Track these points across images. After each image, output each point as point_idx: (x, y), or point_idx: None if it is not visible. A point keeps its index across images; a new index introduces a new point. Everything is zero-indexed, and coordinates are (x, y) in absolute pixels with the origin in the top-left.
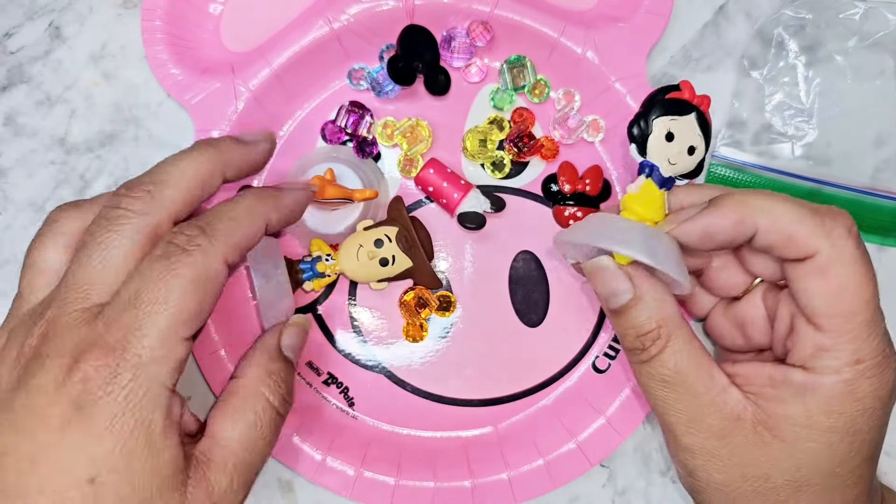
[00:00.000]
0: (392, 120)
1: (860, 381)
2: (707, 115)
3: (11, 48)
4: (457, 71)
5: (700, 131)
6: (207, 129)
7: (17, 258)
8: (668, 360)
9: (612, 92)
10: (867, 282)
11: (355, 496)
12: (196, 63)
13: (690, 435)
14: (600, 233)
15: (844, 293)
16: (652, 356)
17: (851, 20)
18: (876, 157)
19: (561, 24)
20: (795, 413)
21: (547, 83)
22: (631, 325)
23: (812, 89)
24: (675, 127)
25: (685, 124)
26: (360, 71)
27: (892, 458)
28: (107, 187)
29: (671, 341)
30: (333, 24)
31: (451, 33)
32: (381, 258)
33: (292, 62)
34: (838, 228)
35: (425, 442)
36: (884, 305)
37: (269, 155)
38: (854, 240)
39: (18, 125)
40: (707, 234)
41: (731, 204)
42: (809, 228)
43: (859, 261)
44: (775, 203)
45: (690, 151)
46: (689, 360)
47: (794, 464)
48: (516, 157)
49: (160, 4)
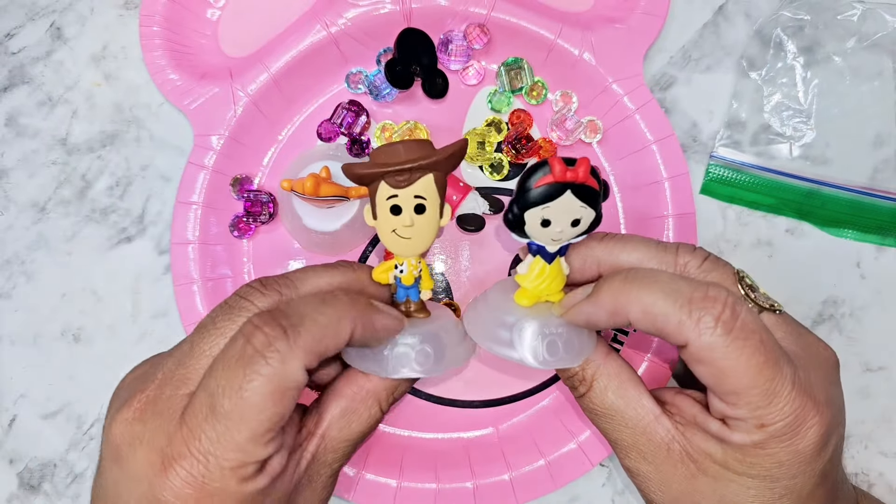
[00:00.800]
0: (390, 123)
1: (769, 441)
2: (588, 180)
3: (13, 49)
4: (454, 74)
5: (581, 202)
6: (206, 133)
7: (19, 258)
8: (595, 398)
9: (610, 93)
10: (750, 363)
11: (358, 499)
12: (194, 68)
13: (629, 458)
14: (490, 334)
15: (725, 377)
16: (582, 394)
17: (850, 21)
18: (874, 158)
19: (558, 25)
20: (715, 454)
21: (544, 85)
22: (561, 368)
23: (810, 90)
24: (548, 213)
25: (560, 205)
26: (358, 75)
27: (891, 458)
28: (108, 187)
29: (595, 380)
30: (331, 28)
31: (449, 36)
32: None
33: (290, 67)
34: (706, 318)
35: (427, 443)
36: (883, 306)
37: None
38: (724, 327)
39: (20, 126)
40: (590, 322)
41: (606, 295)
42: (676, 321)
43: (734, 345)
44: (647, 294)
45: (575, 224)
46: (615, 395)
47: (718, 498)
48: (514, 159)
49: (158, 10)
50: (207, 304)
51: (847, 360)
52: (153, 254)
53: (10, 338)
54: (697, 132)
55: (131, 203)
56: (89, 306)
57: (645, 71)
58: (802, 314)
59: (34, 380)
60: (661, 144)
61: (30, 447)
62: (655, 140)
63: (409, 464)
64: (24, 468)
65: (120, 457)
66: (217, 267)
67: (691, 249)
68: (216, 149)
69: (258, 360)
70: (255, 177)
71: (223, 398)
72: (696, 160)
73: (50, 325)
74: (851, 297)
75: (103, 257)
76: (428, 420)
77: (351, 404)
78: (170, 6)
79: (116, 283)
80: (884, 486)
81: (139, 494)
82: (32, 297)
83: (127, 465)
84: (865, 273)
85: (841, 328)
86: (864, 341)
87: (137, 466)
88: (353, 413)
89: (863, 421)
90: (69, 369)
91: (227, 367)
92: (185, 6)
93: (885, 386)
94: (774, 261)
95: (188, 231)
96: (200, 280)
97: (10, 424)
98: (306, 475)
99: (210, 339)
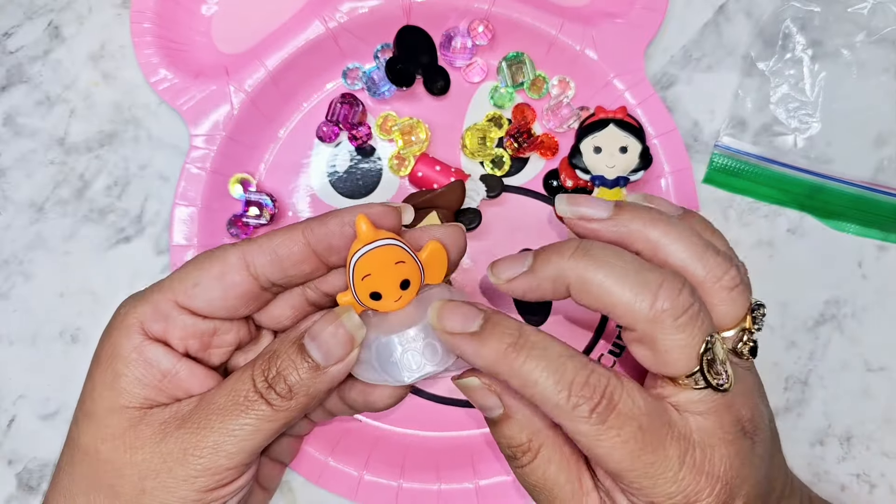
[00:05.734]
0: (393, 114)
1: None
2: (626, 119)
3: (11, 48)
4: (457, 70)
5: (625, 132)
6: (203, 133)
7: (17, 258)
8: (536, 469)
9: (612, 88)
10: (625, 449)
11: (360, 499)
12: (189, 66)
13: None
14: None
15: (602, 461)
16: (523, 465)
17: (860, 14)
18: (879, 153)
19: (559, 20)
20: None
21: (546, 79)
22: (503, 436)
23: (817, 83)
24: (598, 141)
25: (607, 134)
26: (356, 70)
27: (893, 459)
28: (106, 187)
29: (541, 452)
30: (329, 23)
31: (452, 32)
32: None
33: (287, 63)
34: (582, 407)
35: (429, 442)
36: (885, 306)
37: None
38: (599, 417)
39: (18, 125)
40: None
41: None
42: (553, 405)
43: (608, 433)
44: (532, 363)
45: (623, 150)
46: (557, 468)
47: None
48: (515, 153)
49: (149, 6)
50: None
51: (849, 361)
52: (152, 254)
53: (9, 338)
54: (699, 132)
55: (130, 203)
56: (87, 306)
57: (646, 70)
58: (804, 315)
59: (33, 380)
60: (664, 139)
61: (29, 448)
62: (658, 134)
63: (411, 464)
64: (23, 469)
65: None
66: None
67: (676, 290)
68: (213, 148)
69: (264, 408)
70: (255, 176)
71: (207, 426)
72: (697, 160)
73: (48, 325)
74: (853, 297)
75: (101, 257)
76: (430, 420)
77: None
78: (161, 2)
79: (115, 283)
80: (885, 486)
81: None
82: (30, 297)
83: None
84: (867, 273)
85: (842, 328)
86: (865, 341)
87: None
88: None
89: (864, 421)
90: (68, 370)
91: (235, 404)
92: (177, 2)
93: (887, 386)
94: (775, 261)
95: (187, 233)
96: None
97: (8, 425)
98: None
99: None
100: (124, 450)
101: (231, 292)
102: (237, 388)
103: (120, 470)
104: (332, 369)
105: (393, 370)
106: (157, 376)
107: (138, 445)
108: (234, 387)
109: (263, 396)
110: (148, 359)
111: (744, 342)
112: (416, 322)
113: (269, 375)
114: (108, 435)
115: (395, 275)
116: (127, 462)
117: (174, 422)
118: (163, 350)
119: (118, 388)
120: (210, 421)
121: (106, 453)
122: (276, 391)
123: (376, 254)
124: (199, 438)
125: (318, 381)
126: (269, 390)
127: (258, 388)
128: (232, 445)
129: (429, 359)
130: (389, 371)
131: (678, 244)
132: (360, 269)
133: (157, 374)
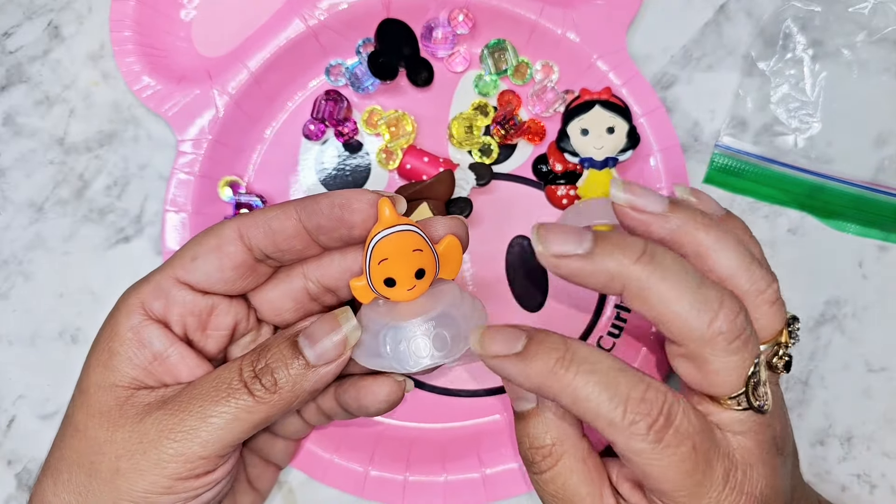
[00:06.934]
0: (378, 108)
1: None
2: (612, 99)
3: (10, 48)
4: (440, 61)
5: (611, 113)
6: (189, 138)
7: (17, 258)
8: (557, 478)
9: (595, 69)
10: (679, 469)
11: (367, 495)
12: (171, 72)
13: None
14: (579, 214)
15: (651, 479)
16: (542, 471)
17: (861, 14)
18: (880, 153)
19: (539, 5)
20: None
21: (529, 64)
22: (527, 434)
23: (818, 83)
24: (585, 123)
25: (593, 116)
26: (338, 67)
27: (894, 459)
28: (106, 187)
29: (562, 460)
30: (309, 21)
31: (432, 23)
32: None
33: (270, 63)
34: (640, 424)
35: (434, 434)
36: (885, 306)
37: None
38: (656, 436)
39: (17, 125)
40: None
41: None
42: (607, 422)
43: (664, 452)
44: (584, 380)
45: (610, 131)
46: (579, 480)
47: None
48: (503, 140)
49: (128, 13)
50: None
51: (849, 361)
52: (151, 254)
53: (8, 338)
54: (699, 132)
55: (129, 203)
56: (87, 307)
57: (646, 70)
58: (804, 315)
59: (32, 380)
60: (650, 117)
61: (28, 448)
62: (644, 113)
63: (417, 456)
64: (23, 469)
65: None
66: None
67: (735, 312)
68: (201, 153)
69: (247, 398)
70: (244, 178)
71: (191, 410)
72: (697, 160)
73: (48, 325)
74: (853, 297)
75: (101, 257)
76: (434, 411)
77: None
78: (139, 9)
79: (114, 283)
80: (886, 487)
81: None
82: (30, 297)
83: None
84: (867, 273)
85: (843, 329)
86: (866, 342)
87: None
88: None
89: (864, 422)
90: (68, 370)
91: (222, 395)
92: (155, 8)
93: (888, 386)
94: (776, 261)
95: (179, 239)
96: None
97: (8, 425)
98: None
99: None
100: (107, 427)
101: (227, 262)
102: (222, 376)
103: (101, 447)
104: (321, 369)
105: (402, 357)
106: (147, 358)
107: (120, 424)
108: (220, 374)
109: (247, 386)
110: (142, 339)
111: (779, 356)
112: (427, 311)
113: (257, 367)
114: (95, 412)
115: (411, 262)
116: (107, 440)
117: (157, 404)
118: (159, 331)
119: (111, 365)
120: (190, 405)
121: (92, 430)
122: (262, 383)
123: (396, 238)
124: (175, 421)
125: (305, 378)
126: (254, 380)
127: (244, 378)
128: (207, 433)
129: (438, 349)
130: (398, 358)
131: (727, 253)
132: (378, 253)
133: (149, 355)
